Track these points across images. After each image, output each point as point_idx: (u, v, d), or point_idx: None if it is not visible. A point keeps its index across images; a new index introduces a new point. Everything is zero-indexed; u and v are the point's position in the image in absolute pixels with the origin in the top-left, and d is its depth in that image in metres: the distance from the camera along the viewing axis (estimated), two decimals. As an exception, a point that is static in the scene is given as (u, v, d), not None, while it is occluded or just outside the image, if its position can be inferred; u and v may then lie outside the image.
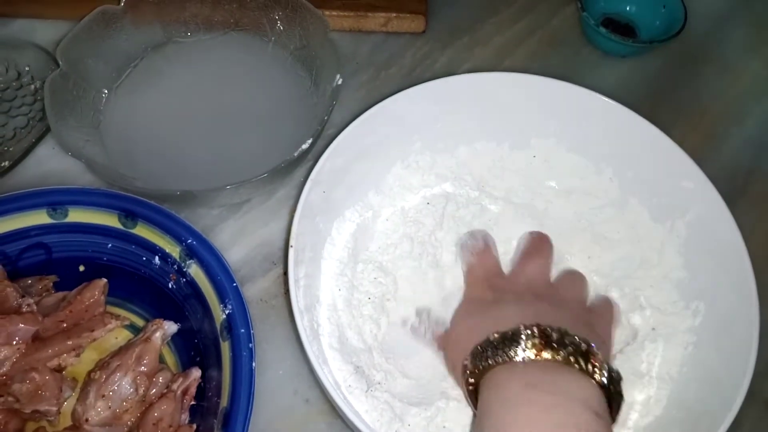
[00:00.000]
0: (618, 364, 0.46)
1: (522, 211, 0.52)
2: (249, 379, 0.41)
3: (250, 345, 0.42)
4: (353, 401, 0.42)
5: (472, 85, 0.52)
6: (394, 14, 0.64)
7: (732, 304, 0.44)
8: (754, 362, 0.40)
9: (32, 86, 0.58)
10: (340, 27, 0.64)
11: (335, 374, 0.43)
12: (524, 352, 0.36)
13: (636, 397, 0.45)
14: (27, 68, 0.59)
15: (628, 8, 0.66)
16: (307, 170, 0.46)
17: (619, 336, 0.47)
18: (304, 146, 0.49)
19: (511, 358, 0.36)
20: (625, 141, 0.50)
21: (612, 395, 0.36)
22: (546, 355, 0.36)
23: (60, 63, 0.51)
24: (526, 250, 0.48)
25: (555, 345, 0.36)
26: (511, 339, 0.37)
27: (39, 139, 0.56)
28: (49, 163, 0.56)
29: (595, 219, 0.52)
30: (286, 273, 0.42)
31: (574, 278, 0.47)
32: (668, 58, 0.65)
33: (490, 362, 0.37)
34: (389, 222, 0.52)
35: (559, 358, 0.36)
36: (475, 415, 0.40)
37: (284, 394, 0.47)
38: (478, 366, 0.37)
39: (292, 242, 0.42)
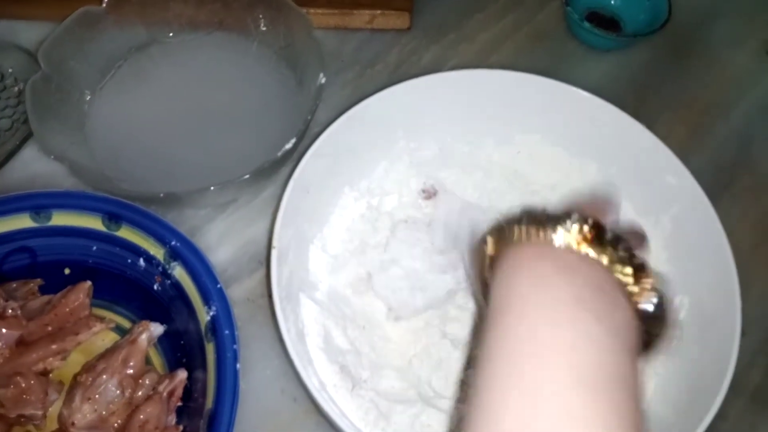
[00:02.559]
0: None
1: (507, 206, 0.52)
2: (233, 380, 0.41)
3: (235, 346, 0.42)
4: (339, 400, 0.43)
5: (457, 82, 0.52)
6: (379, 11, 0.64)
7: (715, 298, 0.44)
8: (737, 355, 0.40)
9: (15, 88, 0.58)
10: (325, 25, 0.64)
11: (321, 374, 0.43)
12: (567, 234, 0.29)
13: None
14: (10, 70, 0.59)
15: (612, 2, 0.66)
16: (293, 169, 0.46)
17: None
18: (288, 146, 0.49)
19: (548, 239, 0.29)
20: (609, 136, 0.50)
21: (652, 326, 0.30)
22: (589, 250, 0.29)
23: (42, 65, 0.51)
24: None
25: (605, 242, 0.29)
26: (557, 218, 0.30)
27: (23, 142, 0.56)
28: (35, 166, 0.56)
29: (580, 214, 0.52)
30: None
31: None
32: (653, 51, 0.65)
33: (520, 233, 0.30)
34: (375, 219, 0.52)
35: (604, 258, 0.29)
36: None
37: (272, 393, 0.47)
38: (507, 233, 0.31)
39: (274, 243, 0.42)
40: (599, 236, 0.29)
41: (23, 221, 0.47)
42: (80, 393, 0.43)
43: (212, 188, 0.47)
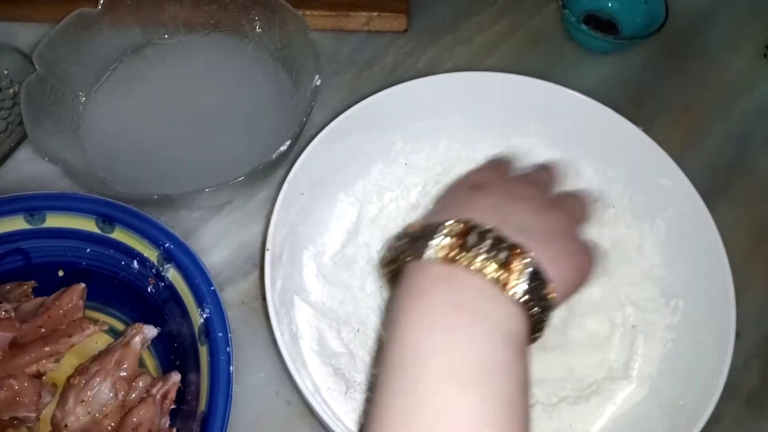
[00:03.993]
0: (597, 361, 0.46)
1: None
2: (227, 383, 0.41)
3: (228, 349, 0.42)
4: (333, 403, 0.43)
5: (453, 84, 0.52)
6: (376, 13, 0.63)
7: (710, 301, 0.44)
8: (731, 358, 0.40)
9: (11, 90, 0.58)
10: (322, 27, 0.64)
11: (314, 377, 0.43)
12: (436, 249, 0.32)
13: (616, 393, 0.45)
14: (5, 72, 0.59)
15: (609, 4, 0.66)
16: (288, 171, 0.46)
17: (599, 333, 0.47)
18: (283, 148, 0.49)
19: (419, 255, 0.33)
20: (605, 139, 0.50)
21: (532, 307, 0.32)
22: (454, 256, 0.32)
23: (37, 67, 0.51)
24: (541, 165, 0.45)
25: (469, 248, 0.32)
26: (430, 233, 0.33)
27: (18, 144, 0.56)
28: (29, 168, 0.56)
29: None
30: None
31: (575, 200, 0.42)
32: (650, 54, 0.65)
33: (402, 255, 0.34)
34: (370, 222, 0.52)
35: (468, 261, 0.31)
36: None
37: (266, 396, 0.47)
38: (393, 256, 0.35)
39: (268, 246, 0.42)
40: (463, 243, 0.32)
41: (17, 223, 0.47)
42: (73, 395, 0.43)
43: (207, 190, 0.47)
